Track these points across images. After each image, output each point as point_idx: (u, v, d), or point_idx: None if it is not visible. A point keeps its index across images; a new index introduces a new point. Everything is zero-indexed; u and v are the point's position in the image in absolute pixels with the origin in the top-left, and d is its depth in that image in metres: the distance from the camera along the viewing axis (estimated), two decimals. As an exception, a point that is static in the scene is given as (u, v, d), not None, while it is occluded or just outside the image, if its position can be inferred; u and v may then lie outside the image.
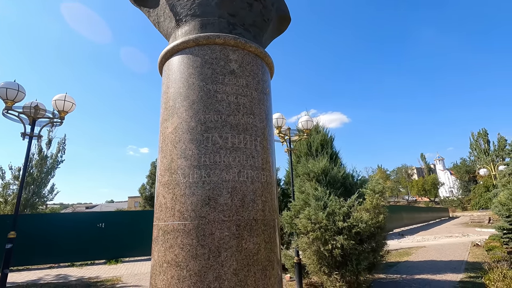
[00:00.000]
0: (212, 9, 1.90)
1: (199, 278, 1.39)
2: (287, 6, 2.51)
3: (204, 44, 1.76)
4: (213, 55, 1.76)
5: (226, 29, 1.86)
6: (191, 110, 1.66)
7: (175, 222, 1.50)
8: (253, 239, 1.52)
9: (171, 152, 1.65)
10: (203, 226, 1.46)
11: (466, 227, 21.20)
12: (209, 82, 1.70)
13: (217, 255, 1.42)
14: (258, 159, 1.68)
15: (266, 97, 1.92)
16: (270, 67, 2.08)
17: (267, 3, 2.20)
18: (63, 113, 5.40)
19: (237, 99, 1.71)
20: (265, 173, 1.70)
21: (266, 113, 1.88)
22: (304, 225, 5.66)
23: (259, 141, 1.73)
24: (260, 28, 2.11)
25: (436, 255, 9.85)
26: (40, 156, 22.51)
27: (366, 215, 5.47)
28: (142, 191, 27.69)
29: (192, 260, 1.42)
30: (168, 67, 1.89)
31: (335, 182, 6.55)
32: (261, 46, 2.06)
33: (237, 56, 1.80)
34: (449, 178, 60.94)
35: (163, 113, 1.81)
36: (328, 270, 5.62)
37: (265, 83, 1.94)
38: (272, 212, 1.72)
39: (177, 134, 1.65)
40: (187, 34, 1.85)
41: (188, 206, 1.50)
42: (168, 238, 1.50)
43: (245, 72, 1.80)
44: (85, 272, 9.07)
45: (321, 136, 8.27)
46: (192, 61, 1.75)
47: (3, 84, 4.80)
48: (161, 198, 1.63)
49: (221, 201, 1.51)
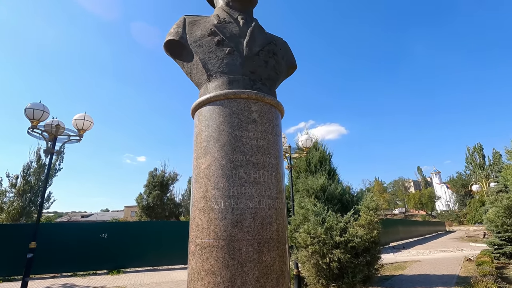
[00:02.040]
0: (237, 68, 2.41)
1: (230, 283, 1.85)
2: (294, 57, 3.04)
3: (232, 98, 2.27)
4: (239, 107, 2.26)
5: (248, 85, 2.36)
6: (222, 151, 2.14)
7: (210, 239, 1.96)
8: (270, 254, 1.98)
9: (205, 184, 2.13)
10: (233, 243, 1.92)
11: (461, 242, 21.59)
12: (236, 129, 2.19)
13: (244, 265, 1.88)
14: (274, 190, 2.16)
15: (278, 138, 2.41)
16: (281, 112, 2.59)
17: (278, 58, 2.73)
18: (82, 131, 5.86)
19: (257, 142, 2.20)
20: (279, 201, 2.18)
21: (279, 151, 2.37)
22: (303, 239, 6.08)
23: (274, 175, 2.21)
24: (274, 80, 2.63)
25: (429, 269, 10.24)
26: (38, 164, 22.64)
27: (361, 231, 5.93)
28: (139, 200, 27.56)
29: (225, 270, 1.88)
30: (200, 113, 2.39)
31: (333, 198, 7.02)
32: (275, 95, 2.57)
33: (257, 108, 2.30)
34: (446, 191, 61.64)
35: (197, 151, 2.29)
36: (326, 282, 6.02)
37: (278, 127, 2.44)
38: (284, 232, 2.19)
39: (211, 169, 2.13)
40: (217, 88, 2.36)
41: (221, 227, 1.97)
42: (205, 252, 1.96)
43: (263, 120, 2.30)
44: (89, 281, 9.34)
45: (320, 153, 8.78)
46: (222, 111, 2.25)
47: (30, 105, 5.27)
48: (197, 220, 2.09)
49: (246, 224, 1.98)
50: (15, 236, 10.47)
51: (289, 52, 3.01)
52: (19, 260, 10.02)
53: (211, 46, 2.48)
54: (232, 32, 2.57)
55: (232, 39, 2.52)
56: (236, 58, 2.44)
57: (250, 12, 2.91)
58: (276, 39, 2.89)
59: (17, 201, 20.18)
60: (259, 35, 2.68)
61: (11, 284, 9.29)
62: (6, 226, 12.02)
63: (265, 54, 2.58)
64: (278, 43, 2.88)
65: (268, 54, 2.60)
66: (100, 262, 11.34)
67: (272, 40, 2.80)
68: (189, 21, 2.68)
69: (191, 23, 2.66)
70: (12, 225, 12.94)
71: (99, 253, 11.32)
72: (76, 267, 11.02)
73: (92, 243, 11.42)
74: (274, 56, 2.66)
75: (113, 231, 12.13)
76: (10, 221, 18.94)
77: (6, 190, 20.88)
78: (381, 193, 70.47)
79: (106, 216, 52.77)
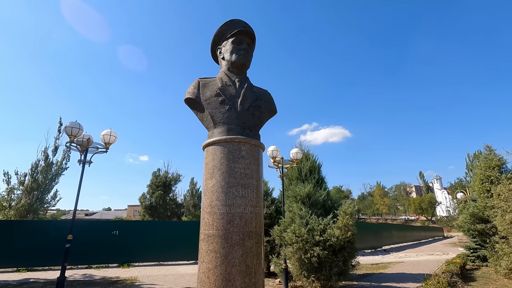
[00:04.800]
0: (233, 120, 3.72)
1: (225, 257, 3.15)
2: (275, 105, 4.34)
3: (229, 141, 3.58)
4: (233, 147, 3.57)
5: (240, 132, 3.67)
6: (222, 176, 3.45)
7: (213, 231, 3.27)
8: (250, 241, 3.28)
9: (211, 196, 3.43)
10: (227, 234, 3.23)
11: (452, 247, 22.72)
12: (231, 162, 3.50)
13: (233, 247, 3.19)
14: (254, 201, 3.47)
15: (260, 167, 3.72)
16: (263, 148, 3.91)
17: (262, 110, 4.04)
18: (108, 145, 7.21)
19: (245, 171, 3.51)
20: (258, 209, 3.49)
21: (259, 176, 3.68)
22: (290, 238, 7.38)
23: (255, 192, 3.52)
24: (258, 126, 3.94)
25: (409, 269, 11.49)
26: (46, 163, 24.08)
27: (337, 232, 7.22)
28: (142, 200, 28.77)
29: (222, 249, 3.18)
30: (208, 149, 3.70)
31: (317, 204, 8.32)
32: (258, 137, 3.88)
33: (245, 148, 3.61)
34: (446, 197, 62.56)
35: (206, 175, 3.60)
36: (307, 274, 7.32)
37: (259, 159, 3.75)
38: (261, 228, 3.49)
39: (215, 187, 3.44)
40: (220, 134, 3.66)
41: (220, 224, 3.27)
42: (210, 239, 3.26)
43: (249, 156, 3.61)
44: (104, 273, 10.71)
45: (310, 163, 10.08)
46: (223, 150, 3.56)
47: (69, 124, 6.63)
48: (206, 219, 3.40)
49: (235, 222, 3.28)
50: (27, 232, 11.75)
51: (272, 102, 4.32)
52: (36, 252, 11.42)
53: (217, 104, 3.79)
54: (231, 94, 3.88)
55: (230, 99, 3.83)
56: (233, 113, 3.75)
57: (244, 74, 4.22)
58: (262, 94, 4.20)
59: (25, 198, 21.41)
60: (249, 94, 3.99)
61: (34, 273, 10.66)
62: (17, 222, 13.10)
63: (253, 109, 3.89)
64: (263, 97, 4.18)
65: (255, 108, 3.91)
66: (111, 256, 12.73)
67: (259, 96, 4.10)
68: (202, 83, 4.00)
69: (203, 85, 3.98)
70: (23, 222, 14.07)
71: (110, 248, 12.71)
72: (90, 260, 12.40)
73: (105, 239, 12.81)
74: (259, 109, 3.97)
75: (124, 229, 13.50)
76: (18, 217, 20.16)
77: (14, 187, 22.25)
78: (381, 197, 71.58)
79: (109, 214, 54.25)
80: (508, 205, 8.03)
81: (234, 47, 4.08)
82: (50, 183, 22.44)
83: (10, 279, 9.18)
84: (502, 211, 8.23)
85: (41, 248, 11.47)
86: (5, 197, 21.81)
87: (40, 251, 11.47)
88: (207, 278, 3.15)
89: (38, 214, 22.02)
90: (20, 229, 11.79)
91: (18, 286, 8.34)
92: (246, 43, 4.15)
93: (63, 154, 23.04)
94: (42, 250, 11.47)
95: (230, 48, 4.10)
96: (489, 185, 10.08)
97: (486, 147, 10.73)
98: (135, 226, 14.83)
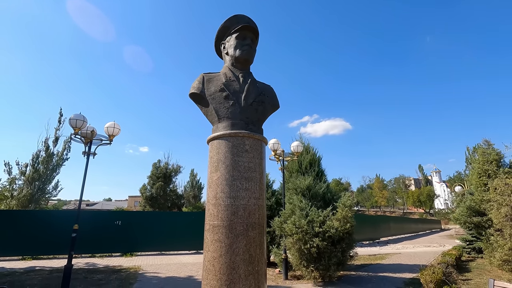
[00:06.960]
0: (237, 115, 3.83)
1: (230, 247, 3.31)
2: (277, 100, 4.44)
3: (233, 136, 3.69)
4: (237, 141, 3.69)
5: (244, 127, 3.78)
6: (226, 169, 3.58)
7: (219, 222, 3.42)
8: (253, 231, 3.44)
9: (216, 189, 3.57)
10: (232, 224, 3.38)
11: (449, 239, 23.10)
12: (235, 156, 3.62)
13: (237, 237, 3.34)
14: (257, 193, 3.61)
15: (262, 161, 3.85)
16: (265, 142, 4.02)
17: (265, 105, 4.14)
18: (112, 137, 7.32)
19: (248, 164, 3.64)
20: (260, 201, 3.63)
21: (262, 169, 3.80)
22: (290, 229, 7.57)
23: (258, 185, 3.65)
24: (261, 121, 4.05)
25: (405, 260, 11.76)
26: (46, 154, 24.21)
27: (336, 223, 7.40)
28: (143, 191, 29.06)
29: (226, 239, 3.34)
30: (213, 144, 3.82)
31: (317, 196, 8.48)
32: (261, 132, 3.99)
33: (249, 142, 3.73)
34: (445, 190, 63.07)
35: (211, 168, 3.72)
36: (306, 263, 7.54)
37: (262, 153, 3.87)
38: (263, 219, 3.64)
39: (219, 180, 3.57)
40: (224, 128, 3.78)
41: (224, 215, 3.42)
42: (215, 229, 3.42)
43: (252, 150, 3.73)
44: (107, 262, 10.98)
45: (310, 156, 10.22)
46: (227, 144, 3.68)
47: (73, 116, 6.72)
48: (211, 211, 3.54)
49: (239, 213, 3.43)
50: (32, 221, 12.02)
51: (274, 97, 4.42)
52: (41, 241, 11.68)
53: (221, 99, 3.90)
54: (235, 89, 3.98)
55: (234, 94, 3.93)
56: (236, 108, 3.86)
57: (248, 69, 4.31)
58: (265, 89, 4.29)
59: (26, 188, 21.61)
60: (252, 89, 4.09)
61: (39, 261, 10.92)
62: (22, 212, 13.47)
63: (256, 104, 3.99)
64: (266, 92, 4.28)
65: (258, 103, 4.01)
66: (114, 245, 13.01)
67: (262, 91, 4.20)
68: (206, 78, 4.09)
69: (208, 80, 4.07)
70: (28, 211, 14.35)
71: (113, 238, 12.97)
72: (94, 249, 12.68)
73: (108, 229, 13.06)
74: (263, 104, 4.08)
75: (126, 219, 13.74)
76: (19, 207, 20.40)
77: (15, 177, 22.44)
78: (380, 190, 72.12)
79: (110, 205, 54.76)
80: (503, 198, 8.20)
81: (238, 42, 4.16)
82: (51, 174, 22.63)
83: (16, 267, 9.43)
84: (498, 204, 8.41)
85: (46, 237, 11.74)
86: (7, 187, 22.01)
87: (45, 240, 11.74)
88: (212, 266, 3.31)
89: (39, 204, 22.25)
90: (25, 218, 12.02)
91: (25, 273, 8.58)
92: (250, 38, 4.23)
93: (63, 145, 23.16)
94: (47, 239, 11.74)
95: (234, 44, 4.18)
96: (486, 179, 10.25)
97: (484, 142, 10.87)
98: (138, 217, 15.08)
